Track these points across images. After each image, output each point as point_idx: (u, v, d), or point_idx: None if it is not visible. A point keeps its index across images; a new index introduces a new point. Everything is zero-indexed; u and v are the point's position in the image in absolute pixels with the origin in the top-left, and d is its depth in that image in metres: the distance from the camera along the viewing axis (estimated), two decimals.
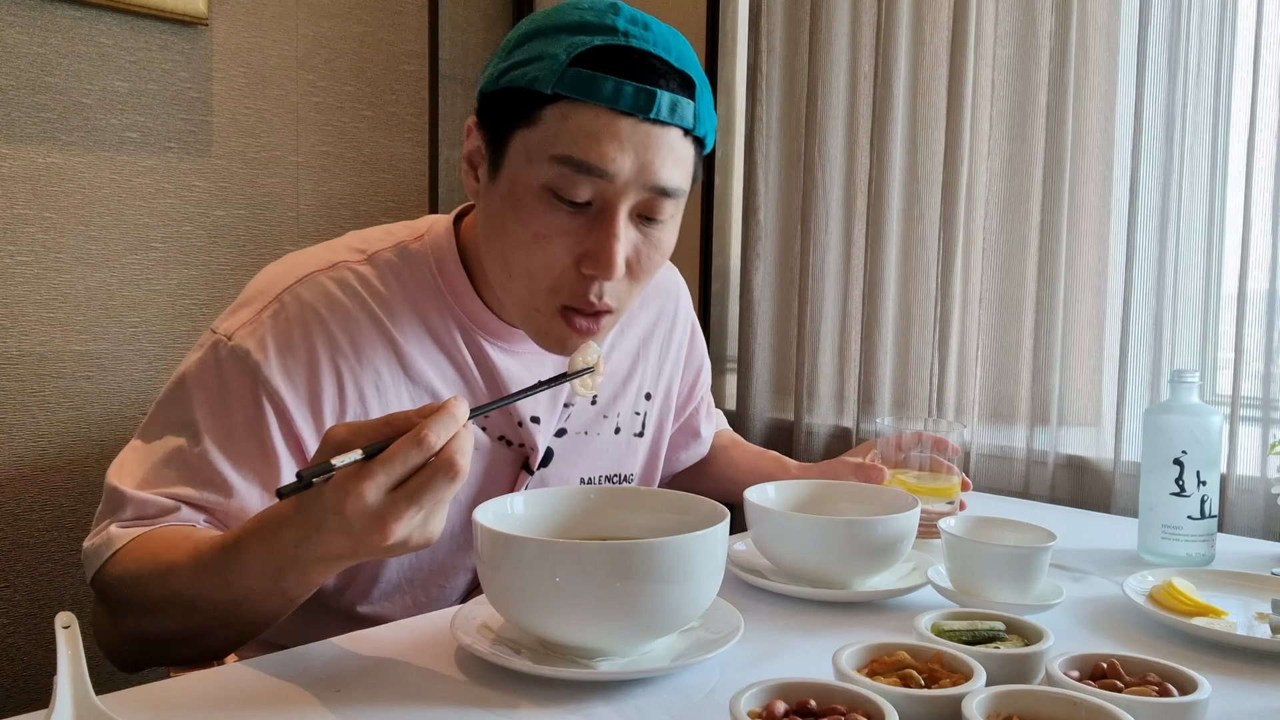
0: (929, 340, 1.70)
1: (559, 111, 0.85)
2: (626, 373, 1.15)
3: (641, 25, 0.87)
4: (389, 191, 2.12)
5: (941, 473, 1.15)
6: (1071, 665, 0.71)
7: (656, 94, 0.85)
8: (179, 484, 0.88)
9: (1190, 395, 1.10)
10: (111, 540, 0.86)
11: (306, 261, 0.97)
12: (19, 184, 1.65)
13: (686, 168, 0.90)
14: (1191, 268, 1.46)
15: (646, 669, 0.75)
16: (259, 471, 0.90)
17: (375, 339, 0.95)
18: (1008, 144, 1.61)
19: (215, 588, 0.79)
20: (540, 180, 0.87)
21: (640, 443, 1.18)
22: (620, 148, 0.85)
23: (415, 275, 0.98)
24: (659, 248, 0.92)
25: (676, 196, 0.90)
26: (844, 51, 1.78)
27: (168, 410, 0.92)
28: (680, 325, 1.23)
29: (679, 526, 0.80)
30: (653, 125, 0.86)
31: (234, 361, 0.90)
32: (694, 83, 0.88)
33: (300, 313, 0.93)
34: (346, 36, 2.04)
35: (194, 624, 0.82)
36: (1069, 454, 1.56)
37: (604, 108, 0.84)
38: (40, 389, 1.69)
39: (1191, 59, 1.44)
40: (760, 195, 1.89)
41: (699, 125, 0.89)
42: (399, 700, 0.72)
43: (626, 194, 0.87)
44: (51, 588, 1.71)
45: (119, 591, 0.85)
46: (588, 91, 0.84)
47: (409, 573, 1.01)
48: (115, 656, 0.89)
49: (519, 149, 0.88)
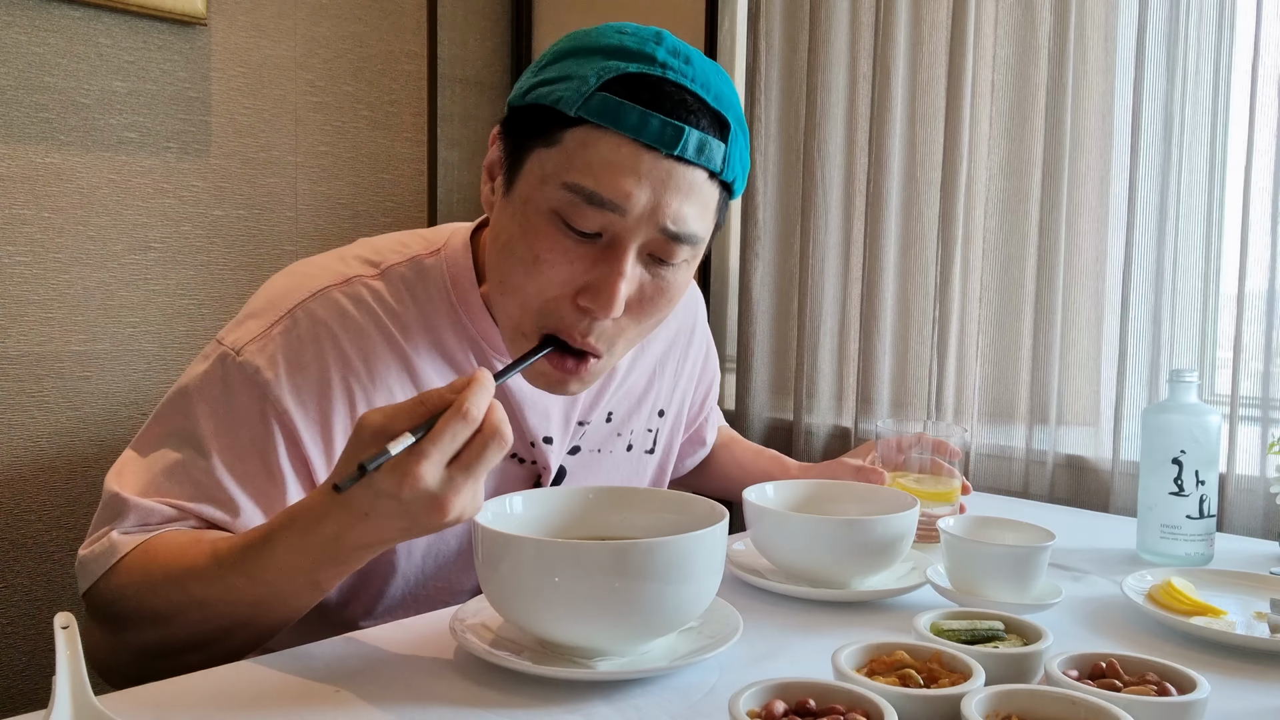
0: (928, 339, 1.70)
1: (580, 136, 0.81)
2: (643, 391, 1.12)
3: (683, 59, 0.83)
4: (387, 191, 2.12)
5: (942, 475, 1.15)
6: (1070, 665, 0.71)
7: (685, 130, 0.80)
8: (183, 497, 0.86)
9: (1189, 395, 1.10)
10: (115, 547, 0.82)
11: (318, 274, 0.94)
12: (17, 184, 1.65)
13: (708, 213, 0.86)
14: (1190, 267, 1.46)
15: (645, 669, 0.75)
16: (264, 492, 0.87)
17: (389, 357, 0.92)
18: (1006, 143, 1.61)
19: (239, 587, 0.77)
20: (550, 204, 0.83)
21: (650, 459, 1.17)
22: (637, 182, 0.80)
23: (429, 292, 0.95)
24: (666, 293, 0.87)
25: (693, 244, 0.85)
26: (843, 51, 1.78)
27: (170, 420, 0.89)
28: (697, 342, 1.21)
29: (678, 526, 0.80)
30: (676, 163, 0.81)
31: (242, 378, 0.87)
32: (729, 125, 0.84)
33: (313, 330, 0.89)
34: (345, 36, 2.04)
35: (211, 628, 0.80)
36: (1068, 453, 1.56)
37: (627, 138, 0.80)
38: (39, 389, 1.69)
39: (1190, 58, 1.44)
40: (759, 195, 1.89)
41: (728, 170, 0.85)
42: (398, 700, 0.72)
43: (638, 231, 0.83)
44: (50, 588, 1.71)
45: (123, 603, 0.82)
46: (613, 119, 0.80)
47: (415, 588, 0.99)
48: (115, 674, 0.86)
49: (534, 168, 0.84)
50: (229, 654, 0.81)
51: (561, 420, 1.03)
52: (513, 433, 1.00)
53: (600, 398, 1.07)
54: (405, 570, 0.98)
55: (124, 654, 0.85)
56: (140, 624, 0.82)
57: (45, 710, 0.62)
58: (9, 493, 1.67)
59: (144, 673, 0.82)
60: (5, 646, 1.68)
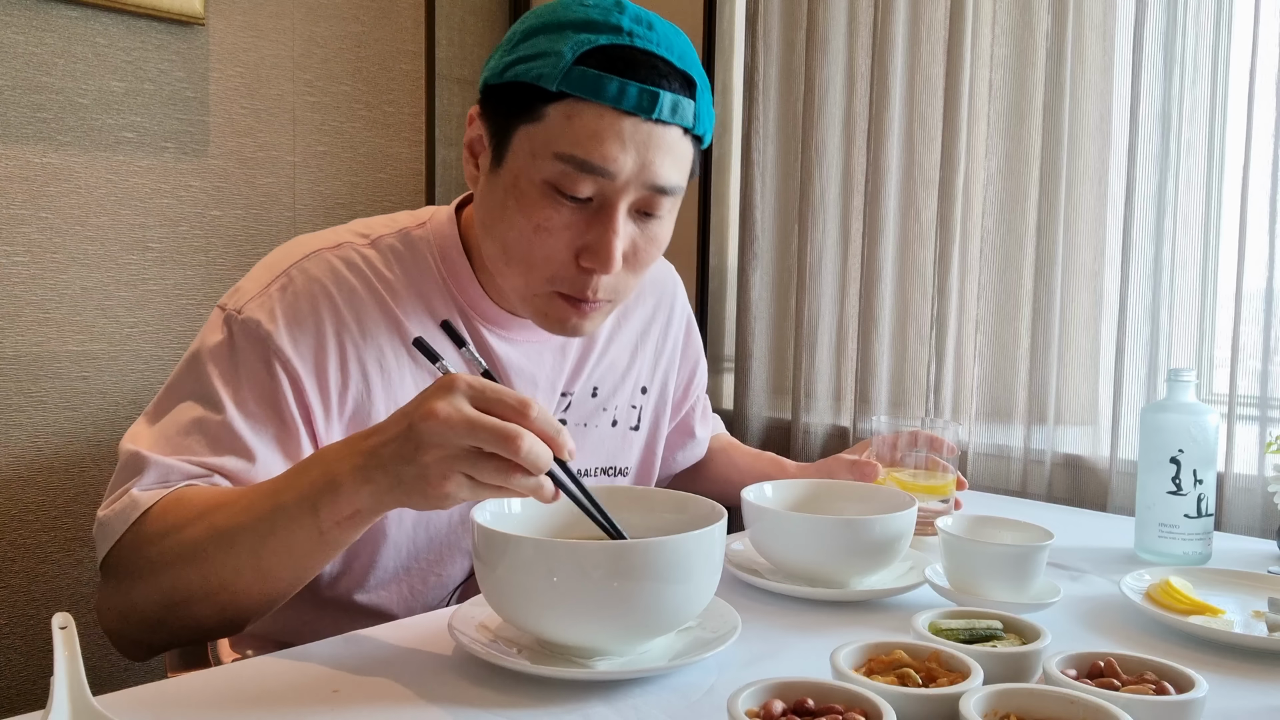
0: (926, 339, 1.70)
1: (563, 110, 0.87)
2: (625, 366, 1.16)
3: (646, 24, 0.89)
4: (386, 191, 2.12)
5: (937, 471, 1.16)
6: (1069, 664, 0.71)
7: (659, 95, 0.87)
8: (201, 452, 0.88)
9: (1187, 394, 1.10)
10: (136, 503, 0.84)
11: (312, 241, 0.99)
12: (15, 184, 1.65)
13: (685, 165, 0.93)
14: (1188, 266, 1.46)
15: (644, 668, 0.75)
16: (279, 439, 0.91)
17: (379, 318, 0.97)
18: (1004, 143, 1.62)
19: (258, 511, 0.79)
20: (543, 175, 0.89)
21: (636, 436, 1.19)
22: (623, 148, 0.87)
23: (418, 261, 1.00)
24: (655, 241, 0.95)
25: (675, 194, 0.93)
26: (841, 51, 1.78)
27: (182, 385, 0.92)
28: (677, 320, 1.25)
29: (676, 526, 0.80)
30: (654, 125, 0.88)
31: (245, 333, 0.92)
32: (695, 82, 0.91)
33: (308, 286, 0.94)
34: (343, 36, 2.04)
35: (226, 570, 0.80)
36: (1066, 453, 1.56)
37: (608, 108, 0.86)
38: (36, 389, 1.69)
39: (1188, 57, 1.44)
40: (757, 195, 1.89)
41: (699, 124, 0.92)
42: (397, 700, 0.72)
43: (627, 191, 0.90)
44: (48, 589, 1.71)
45: (145, 550, 0.83)
46: (593, 91, 0.86)
47: (406, 561, 1.02)
48: (125, 633, 0.87)
49: (523, 143, 0.90)
50: (235, 610, 0.82)
51: (548, 387, 1.08)
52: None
53: (581, 369, 1.11)
54: (396, 538, 1.00)
55: (135, 616, 0.85)
56: (158, 570, 0.82)
57: (43, 711, 0.62)
58: (7, 493, 1.66)
59: (154, 635, 0.86)
60: (4, 647, 1.68)
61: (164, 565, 0.82)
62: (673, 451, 1.32)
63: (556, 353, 1.08)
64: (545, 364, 1.07)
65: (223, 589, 0.81)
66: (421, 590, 1.03)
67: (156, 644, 0.88)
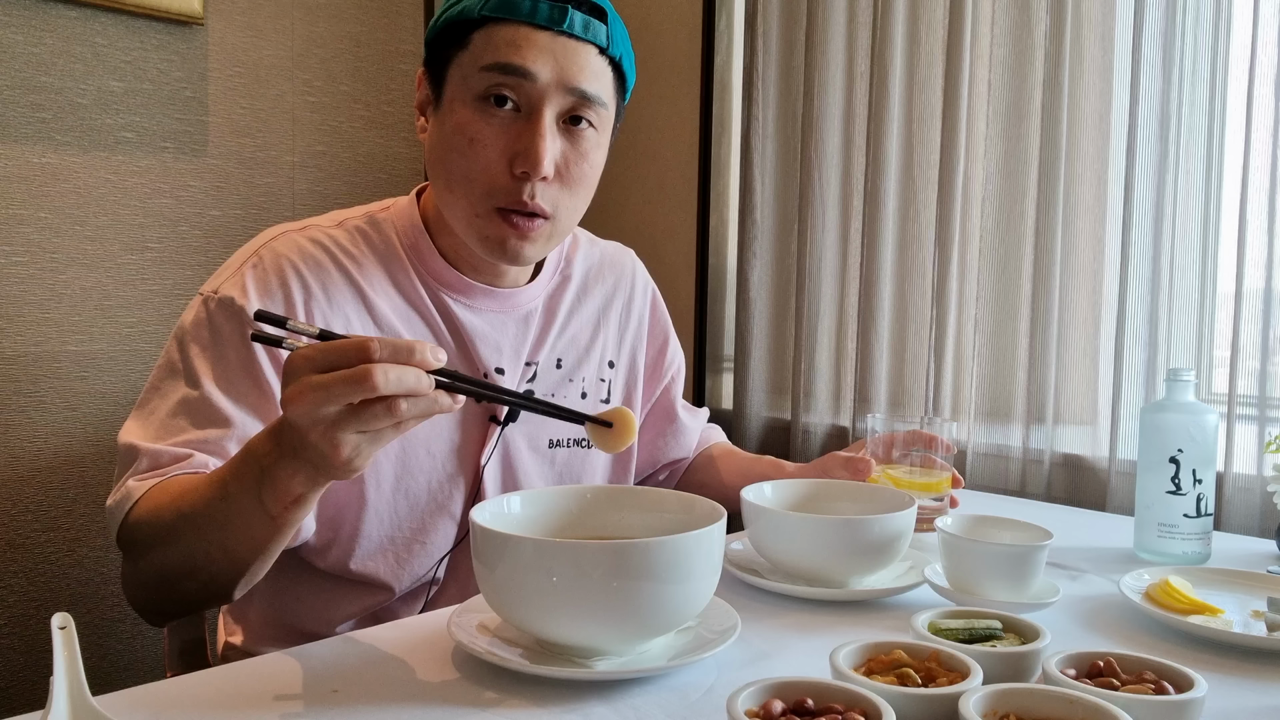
0: (925, 339, 1.70)
1: (485, 32, 0.98)
2: (589, 340, 1.20)
3: None
4: (385, 191, 2.12)
5: (932, 469, 1.16)
6: (1068, 663, 0.71)
7: (569, 10, 0.97)
8: (186, 430, 0.94)
9: (1186, 393, 1.10)
10: (130, 493, 0.91)
11: (282, 226, 1.08)
12: (14, 184, 1.65)
13: (606, 84, 1.01)
14: (1187, 266, 1.46)
15: (643, 668, 0.75)
16: (256, 406, 0.97)
17: (345, 288, 1.03)
18: (1003, 143, 1.62)
19: (213, 501, 0.83)
20: (474, 91, 0.98)
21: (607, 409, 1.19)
22: (539, 53, 0.97)
23: (383, 238, 1.08)
24: (587, 159, 1.02)
25: (597, 105, 1.00)
26: (840, 51, 1.78)
27: (166, 369, 0.99)
28: (639, 295, 1.28)
29: (676, 526, 0.80)
30: (569, 39, 0.98)
31: (221, 310, 0.98)
32: (605, 11, 1.01)
33: (276, 262, 1.01)
34: (342, 36, 2.04)
35: (199, 552, 0.86)
36: (1065, 452, 1.57)
37: (524, 23, 0.97)
38: (35, 390, 1.69)
39: (1187, 58, 1.44)
40: (756, 194, 1.89)
41: (613, 46, 1.01)
42: (396, 700, 0.72)
43: (550, 97, 0.98)
44: (47, 589, 1.71)
45: (140, 532, 0.90)
46: (509, 10, 0.97)
47: (390, 530, 1.05)
48: (139, 603, 0.95)
49: (455, 72, 0.99)
50: (218, 583, 0.88)
51: (512, 355, 1.11)
52: (465, 367, 1.08)
53: (544, 340, 1.14)
54: (376, 504, 1.03)
55: (141, 590, 0.94)
56: (151, 549, 0.89)
57: (43, 711, 0.62)
58: (6, 494, 1.66)
59: (161, 604, 0.94)
60: (3, 647, 1.68)
61: (152, 547, 0.89)
62: (657, 435, 1.31)
63: (520, 323, 1.12)
64: (509, 332, 1.11)
65: (200, 568, 0.88)
66: (408, 558, 1.06)
67: (168, 611, 0.96)
